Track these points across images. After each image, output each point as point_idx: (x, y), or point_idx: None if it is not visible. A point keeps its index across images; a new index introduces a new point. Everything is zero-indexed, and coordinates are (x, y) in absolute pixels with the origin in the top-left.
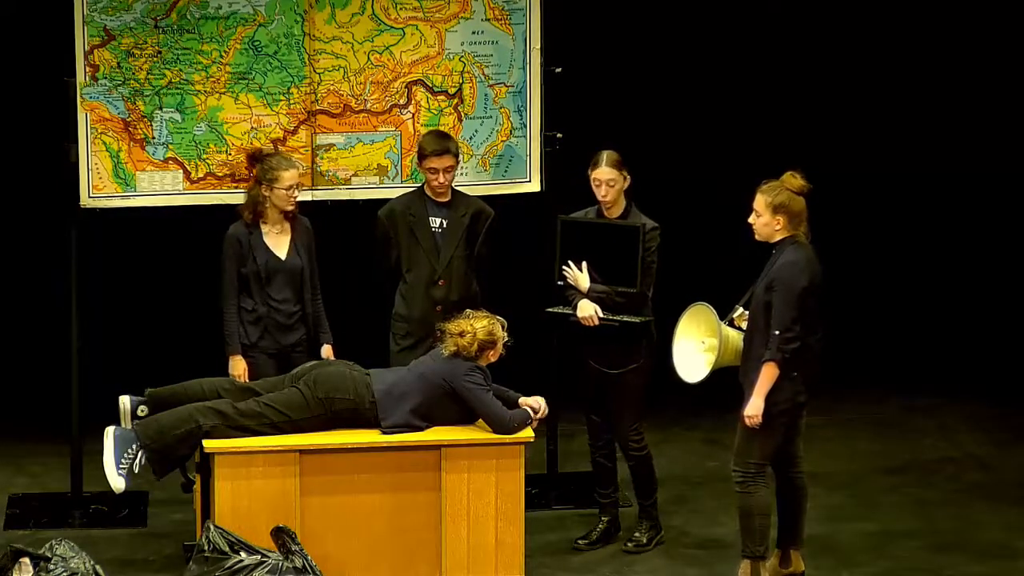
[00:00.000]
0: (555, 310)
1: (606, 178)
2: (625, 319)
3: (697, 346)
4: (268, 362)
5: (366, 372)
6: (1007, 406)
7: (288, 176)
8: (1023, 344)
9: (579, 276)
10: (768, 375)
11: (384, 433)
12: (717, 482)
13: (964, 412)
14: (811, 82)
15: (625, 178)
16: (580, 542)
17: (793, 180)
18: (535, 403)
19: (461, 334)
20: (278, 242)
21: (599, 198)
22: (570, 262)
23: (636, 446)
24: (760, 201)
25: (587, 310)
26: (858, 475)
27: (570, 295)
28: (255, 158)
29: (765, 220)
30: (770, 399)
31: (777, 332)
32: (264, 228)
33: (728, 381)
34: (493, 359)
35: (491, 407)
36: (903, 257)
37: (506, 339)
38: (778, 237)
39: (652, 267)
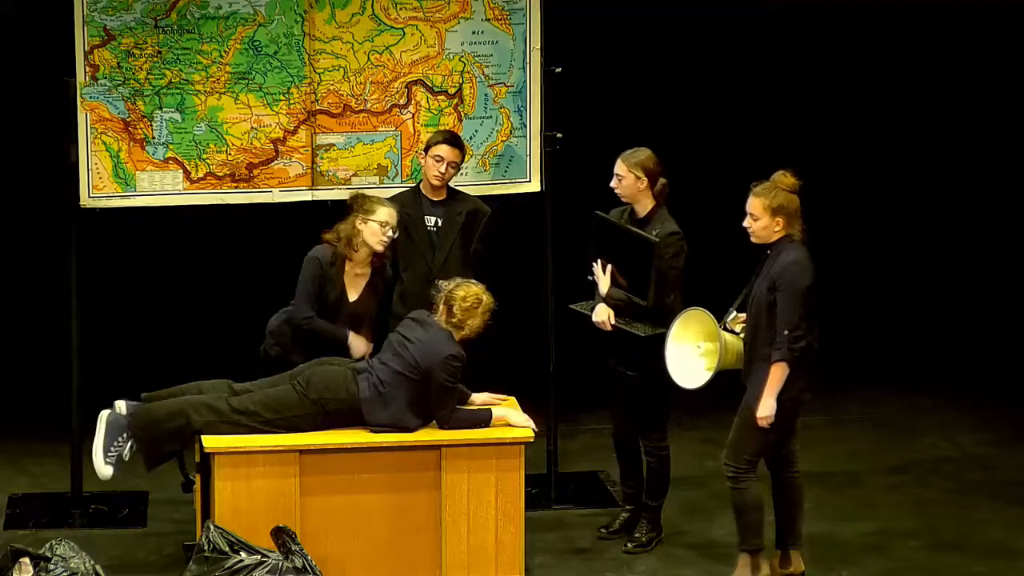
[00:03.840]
0: (576, 308)
1: (616, 171)
2: (634, 329)
3: (692, 351)
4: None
5: (358, 370)
6: (1007, 405)
7: (384, 212)
8: (1022, 343)
9: (601, 279)
10: (779, 375)
11: (371, 432)
12: (716, 482)
13: (964, 412)
14: (809, 82)
15: (638, 178)
16: (603, 531)
17: (785, 179)
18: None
19: (453, 291)
20: (353, 282)
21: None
22: (598, 261)
23: (658, 445)
24: (756, 204)
25: (601, 315)
26: (858, 475)
27: (596, 292)
28: (352, 199)
29: (764, 223)
30: (782, 395)
31: (786, 332)
32: (348, 265)
33: (726, 382)
34: (478, 324)
35: (443, 405)
36: (902, 257)
37: (492, 306)
38: (776, 238)
39: (670, 275)
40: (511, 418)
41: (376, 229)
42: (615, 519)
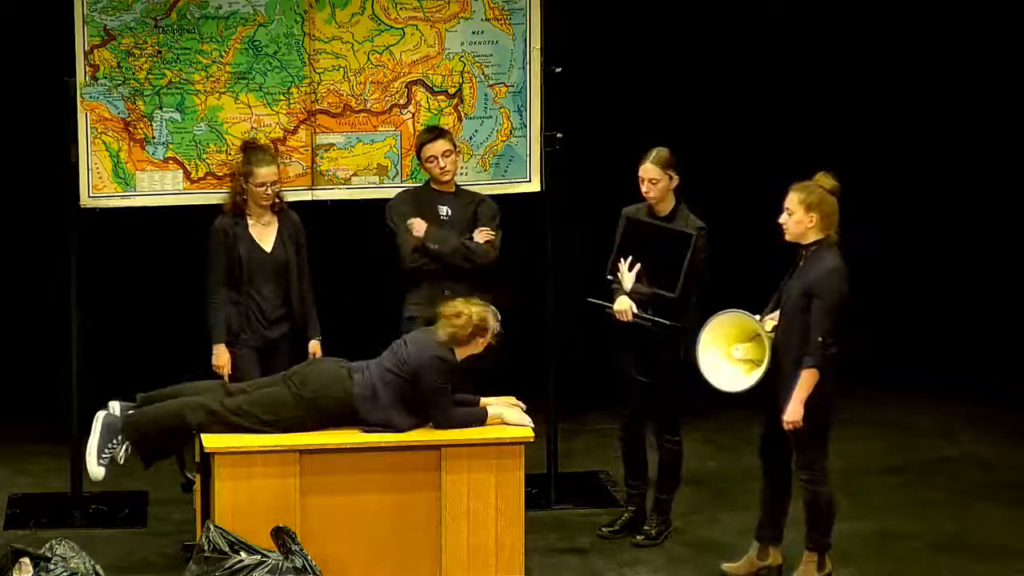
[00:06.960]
0: (595, 301)
1: (648, 176)
2: (657, 319)
3: (726, 352)
4: (250, 355)
5: (353, 369)
6: (1007, 406)
7: (262, 173)
8: (1022, 344)
9: (626, 275)
10: (810, 380)
11: (364, 432)
12: (717, 482)
13: (964, 412)
14: (808, 82)
15: (671, 178)
16: (604, 530)
17: (826, 180)
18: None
19: (457, 315)
20: (263, 234)
21: (643, 194)
22: (624, 259)
23: (671, 438)
24: (793, 199)
25: (623, 303)
26: (858, 475)
27: (614, 288)
28: (243, 148)
29: (798, 218)
30: (812, 401)
31: (820, 339)
32: (250, 220)
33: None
34: (482, 346)
35: (435, 406)
36: (902, 257)
37: (497, 329)
38: (810, 237)
39: (699, 271)
40: (507, 416)
41: (258, 191)
42: (617, 519)
